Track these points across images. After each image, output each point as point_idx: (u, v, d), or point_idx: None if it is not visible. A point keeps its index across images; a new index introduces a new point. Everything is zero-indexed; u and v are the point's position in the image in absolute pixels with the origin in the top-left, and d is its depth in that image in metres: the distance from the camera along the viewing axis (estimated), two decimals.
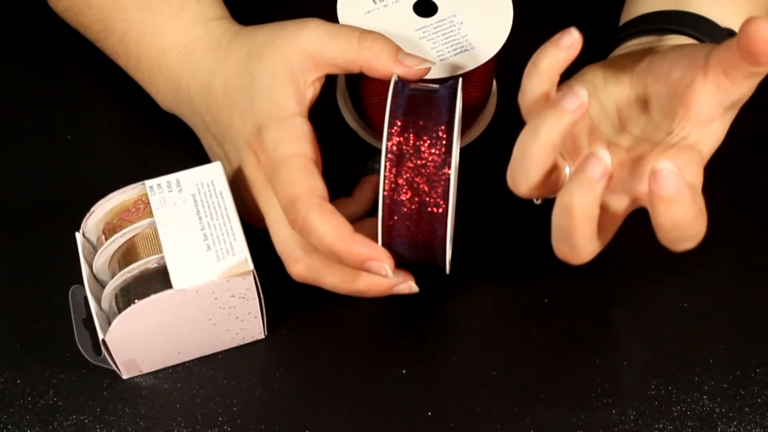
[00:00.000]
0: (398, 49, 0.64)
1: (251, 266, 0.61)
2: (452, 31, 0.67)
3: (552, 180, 0.59)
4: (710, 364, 0.67)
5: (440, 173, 0.59)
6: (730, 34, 0.66)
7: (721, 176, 0.74)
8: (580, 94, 0.55)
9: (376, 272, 0.60)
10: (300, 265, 0.63)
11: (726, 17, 0.67)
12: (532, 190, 0.58)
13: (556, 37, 0.58)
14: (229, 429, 0.64)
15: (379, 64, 0.63)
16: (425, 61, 0.63)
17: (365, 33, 0.64)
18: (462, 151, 0.73)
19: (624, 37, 0.69)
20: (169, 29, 0.68)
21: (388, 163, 0.59)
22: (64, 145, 0.75)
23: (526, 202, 0.63)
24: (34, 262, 0.70)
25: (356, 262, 0.60)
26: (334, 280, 0.63)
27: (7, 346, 0.67)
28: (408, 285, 0.64)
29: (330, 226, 0.59)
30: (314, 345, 0.68)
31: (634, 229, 0.67)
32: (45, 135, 0.75)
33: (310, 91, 0.65)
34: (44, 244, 0.69)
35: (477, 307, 0.69)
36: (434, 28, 0.67)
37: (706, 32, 0.66)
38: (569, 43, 0.58)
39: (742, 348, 0.68)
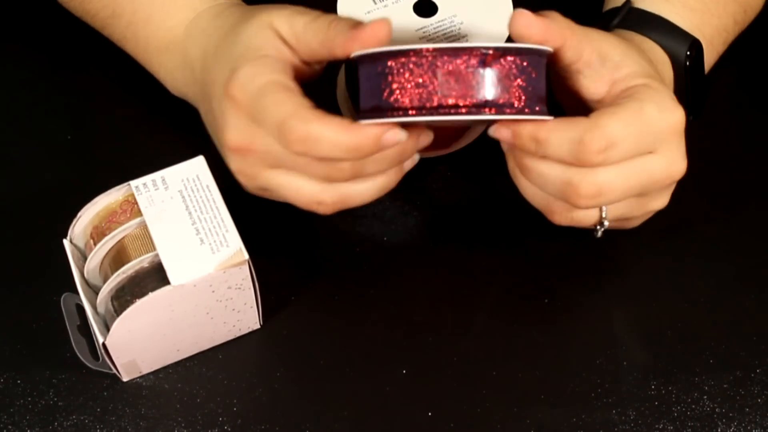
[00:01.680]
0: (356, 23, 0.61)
1: (246, 256, 0.61)
2: (452, 31, 0.67)
3: None
4: (710, 364, 0.67)
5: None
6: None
7: (721, 176, 0.74)
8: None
9: (393, 141, 0.58)
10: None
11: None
12: None
13: None
14: (229, 429, 0.64)
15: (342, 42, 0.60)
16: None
17: (338, 18, 0.61)
18: (462, 151, 0.73)
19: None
20: (178, 7, 0.68)
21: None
22: (49, 145, 0.75)
23: (527, 203, 0.63)
24: (33, 263, 0.70)
25: (374, 144, 0.58)
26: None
27: (8, 347, 0.67)
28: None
29: (335, 126, 0.58)
30: (312, 337, 0.68)
31: (633, 230, 0.67)
32: (38, 137, 0.76)
33: (294, 59, 0.63)
34: (45, 244, 0.69)
35: (477, 307, 0.69)
36: (434, 28, 0.68)
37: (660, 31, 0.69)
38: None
39: (742, 348, 0.68)
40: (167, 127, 0.73)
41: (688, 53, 0.67)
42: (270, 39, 0.62)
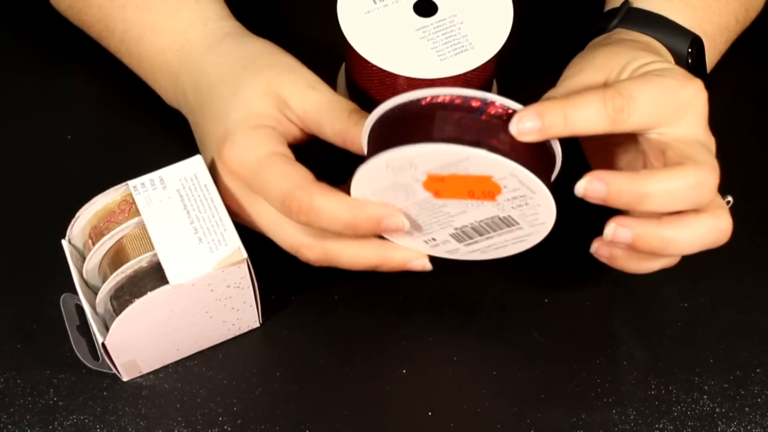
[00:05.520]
0: None
1: (245, 254, 0.61)
2: (452, 31, 0.67)
3: None
4: (710, 364, 0.67)
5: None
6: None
7: (721, 176, 0.74)
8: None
9: (394, 227, 0.59)
10: (315, 251, 0.62)
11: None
12: None
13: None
14: (229, 429, 0.64)
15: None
16: None
17: (357, 110, 0.63)
18: None
19: (595, 32, 0.70)
20: (168, 29, 0.68)
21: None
22: (49, 145, 0.75)
23: None
24: (33, 263, 0.70)
25: (374, 225, 0.59)
26: (349, 255, 0.61)
27: (7, 346, 0.67)
28: (422, 262, 0.63)
29: (338, 201, 0.58)
30: (312, 337, 0.68)
31: None
32: (38, 137, 0.76)
33: (293, 130, 0.64)
34: (44, 244, 0.69)
35: (477, 307, 0.69)
36: (434, 28, 0.67)
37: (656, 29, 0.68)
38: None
39: (742, 348, 0.68)
40: (165, 126, 0.73)
41: (690, 50, 0.67)
42: (272, 109, 0.63)
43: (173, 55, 0.68)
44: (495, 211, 0.59)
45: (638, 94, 0.58)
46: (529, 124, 0.56)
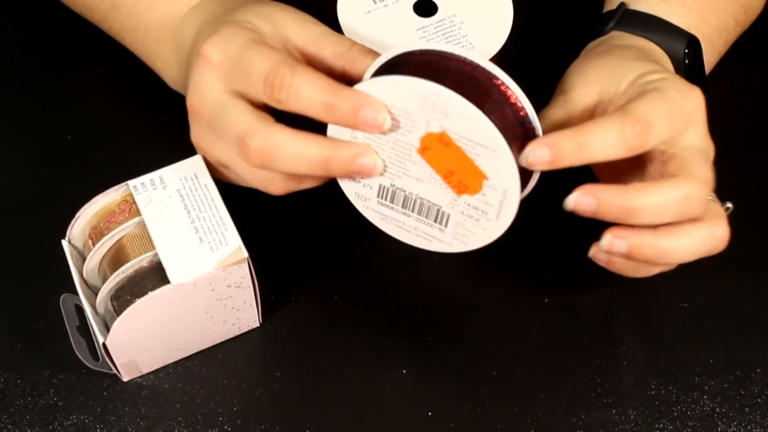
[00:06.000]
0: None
1: (245, 254, 0.61)
2: (452, 31, 0.67)
3: None
4: (710, 364, 0.67)
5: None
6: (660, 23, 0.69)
7: (721, 176, 0.74)
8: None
9: (372, 122, 0.56)
10: (259, 139, 0.58)
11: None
12: None
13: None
14: (229, 429, 0.64)
15: (364, 60, 0.60)
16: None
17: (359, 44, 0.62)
18: None
19: (593, 35, 0.70)
20: None
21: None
22: (49, 145, 0.75)
23: (526, 203, 0.63)
24: (33, 263, 0.70)
25: (352, 111, 0.56)
26: (293, 148, 0.58)
27: (7, 346, 0.67)
28: (372, 159, 0.58)
29: (322, 80, 0.57)
30: (312, 337, 0.68)
31: None
32: (38, 137, 0.76)
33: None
34: (44, 244, 0.69)
35: (477, 307, 0.69)
36: (434, 28, 0.68)
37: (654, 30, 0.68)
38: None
39: (742, 348, 0.68)
40: (165, 126, 0.73)
41: (686, 51, 0.67)
42: (266, 27, 0.62)
43: (181, 17, 0.68)
44: (443, 204, 0.58)
45: (654, 118, 0.58)
46: (541, 154, 0.56)
